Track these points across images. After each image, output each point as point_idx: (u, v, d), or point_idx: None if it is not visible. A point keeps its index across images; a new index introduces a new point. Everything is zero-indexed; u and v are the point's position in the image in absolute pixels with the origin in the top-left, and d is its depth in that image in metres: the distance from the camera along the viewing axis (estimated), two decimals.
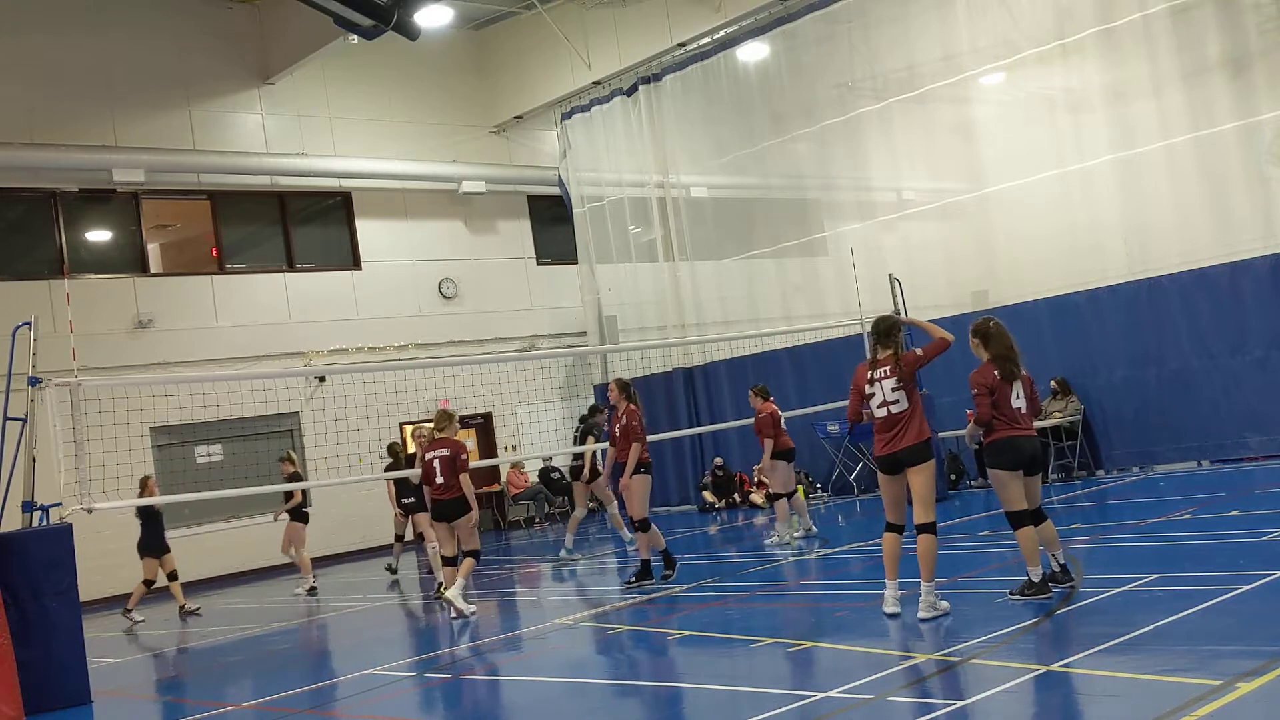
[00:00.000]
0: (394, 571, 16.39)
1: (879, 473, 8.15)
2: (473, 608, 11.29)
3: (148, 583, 15.23)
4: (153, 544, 14.93)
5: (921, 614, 7.90)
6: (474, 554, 11.25)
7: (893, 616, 7.96)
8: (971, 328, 8.38)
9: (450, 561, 11.33)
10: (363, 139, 22.41)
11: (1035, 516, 8.13)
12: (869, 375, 8.03)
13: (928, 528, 7.95)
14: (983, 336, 8.22)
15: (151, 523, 14.93)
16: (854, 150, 19.45)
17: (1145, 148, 15.65)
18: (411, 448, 14.98)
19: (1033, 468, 8.11)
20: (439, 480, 11.13)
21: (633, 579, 11.53)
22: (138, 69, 20.21)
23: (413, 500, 14.39)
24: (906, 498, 8.05)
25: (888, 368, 7.97)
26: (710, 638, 8.82)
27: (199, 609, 15.27)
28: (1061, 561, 8.21)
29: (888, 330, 8.15)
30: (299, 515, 16.04)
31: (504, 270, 24.19)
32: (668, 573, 11.52)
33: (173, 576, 15.18)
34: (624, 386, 11.90)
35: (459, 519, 11.13)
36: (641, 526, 11.46)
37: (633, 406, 11.72)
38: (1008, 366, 8.08)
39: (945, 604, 7.97)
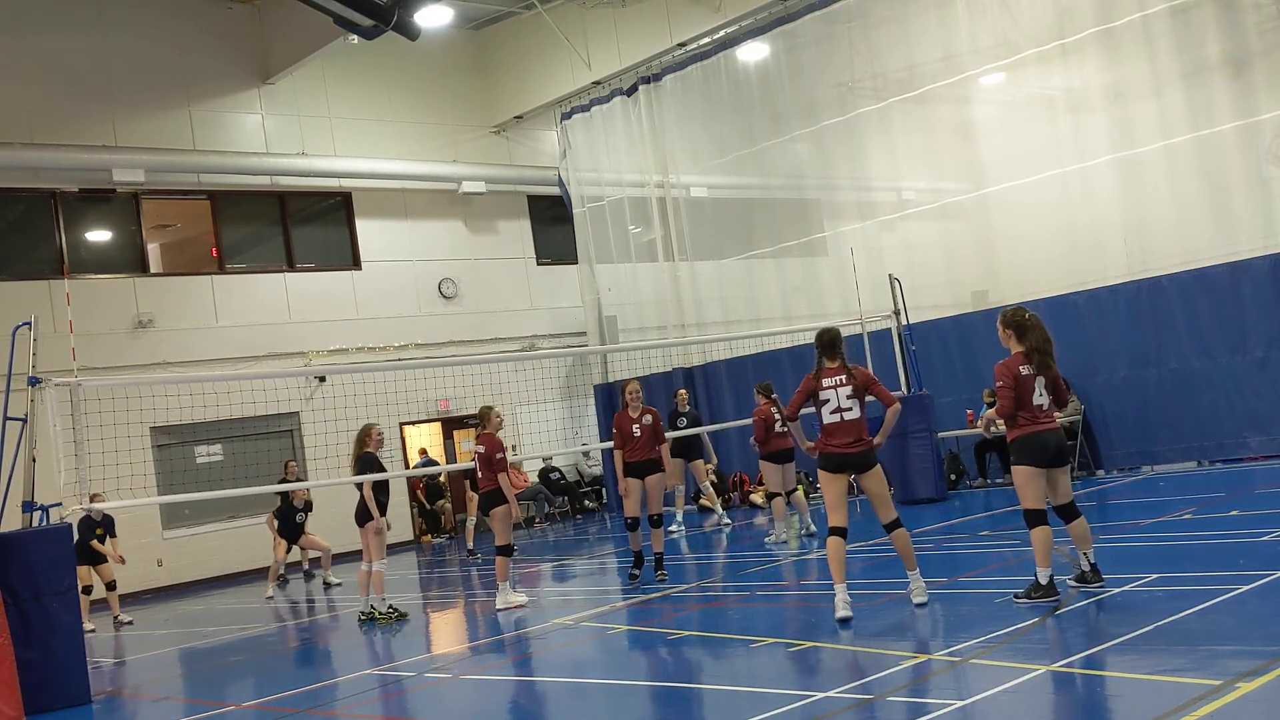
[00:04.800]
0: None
1: (821, 471, 8.37)
2: (523, 597, 11.58)
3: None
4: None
5: (917, 599, 8.27)
6: (502, 550, 11.48)
7: (844, 621, 7.99)
8: (1004, 317, 8.18)
9: (502, 551, 11.58)
10: (363, 139, 22.41)
11: (1068, 513, 8.00)
12: (820, 382, 8.31)
13: (896, 523, 8.37)
14: (1017, 328, 8.06)
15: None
16: (854, 150, 19.44)
17: (1145, 148, 15.63)
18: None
19: (1059, 461, 7.97)
20: (479, 474, 11.66)
21: (636, 573, 11.82)
22: (138, 69, 20.20)
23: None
24: (847, 498, 8.43)
25: (841, 377, 8.28)
26: (710, 638, 8.82)
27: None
28: (1092, 561, 8.03)
29: (833, 341, 8.43)
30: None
31: (504, 270, 24.19)
32: (635, 573, 11.79)
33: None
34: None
35: (491, 511, 11.52)
36: (655, 522, 11.87)
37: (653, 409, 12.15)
38: (1043, 360, 7.97)
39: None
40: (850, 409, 8.23)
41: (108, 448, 14.00)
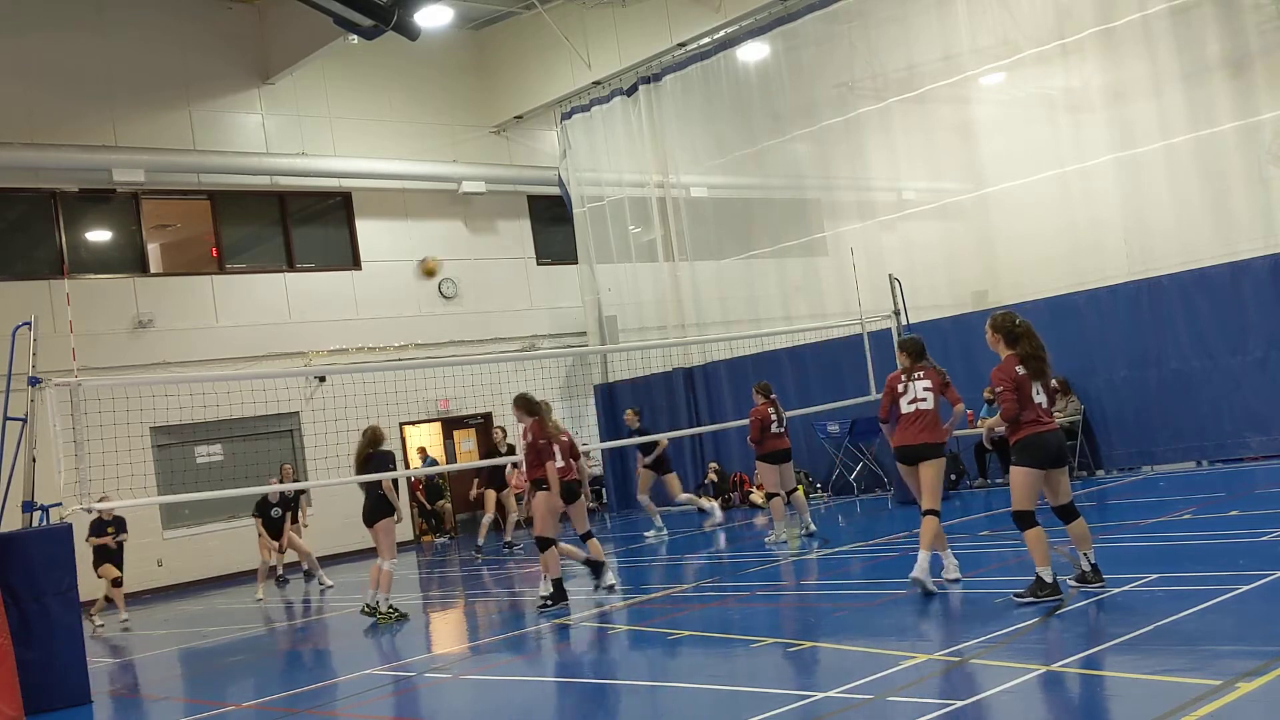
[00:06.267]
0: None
1: (900, 464, 9.19)
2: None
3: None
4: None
5: (915, 573, 8.80)
6: (541, 542, 11.05)
7: (915, 582, 8.63)
8: (993, 322, 8.20)
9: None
10: (363, 139, 22.40)
11: (1067, 513, 8.00)
12: (902, 377, 9.10)
13: (932, 512, 8.91)
14: (1007, 334, 8.09)
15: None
16: (854, 150, 19.44)
17: (1145, 148, 15.63)
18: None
19: (1059, 462, 7.98)
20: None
21: (548, 602, 10.89)
22: (138, 69, 20.20)
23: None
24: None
25: (923, 372, 9.08)
26: (710, 638, 8.82)
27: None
28: (1092, 561, 8.02)
29: (921, 350, 9.28)
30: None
31: (504, 270, 24.18)
32: (556, 603, 10.80)
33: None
34: (527, 403, 11.18)
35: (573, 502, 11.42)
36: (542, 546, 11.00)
37: (536, 422, 11.07)
38: (1038, 366, 8.00)
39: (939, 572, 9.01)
40: (925, 400, 8.97)
41: (108, 448, 13.98)
